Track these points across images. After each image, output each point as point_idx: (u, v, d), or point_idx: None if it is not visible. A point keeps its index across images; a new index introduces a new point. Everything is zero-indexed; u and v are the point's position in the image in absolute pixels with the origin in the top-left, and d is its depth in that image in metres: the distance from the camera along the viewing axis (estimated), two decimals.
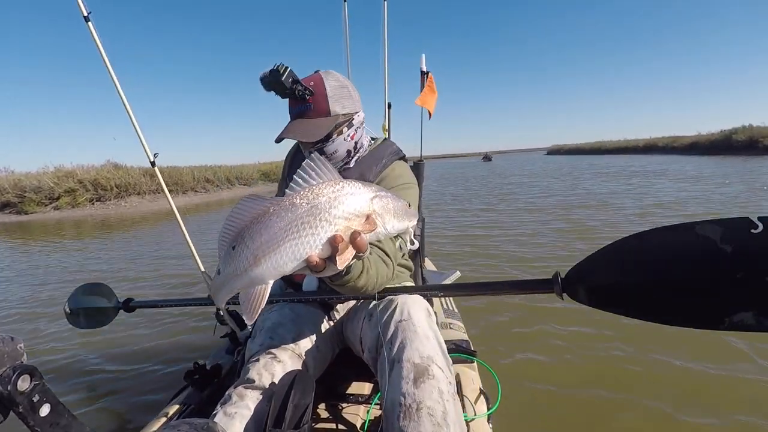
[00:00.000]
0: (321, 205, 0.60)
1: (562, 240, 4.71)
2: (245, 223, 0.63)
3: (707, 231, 0.65)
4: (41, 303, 3.63)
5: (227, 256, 0.64)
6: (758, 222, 0.61)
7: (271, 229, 0.61)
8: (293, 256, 0.61)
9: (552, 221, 5.92)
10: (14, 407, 0.56)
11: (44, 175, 13.10)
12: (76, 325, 1.53)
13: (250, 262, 0.62)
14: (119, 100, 1.21)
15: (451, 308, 1.76)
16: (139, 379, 2.16)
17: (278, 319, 1.04)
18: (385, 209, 0.65)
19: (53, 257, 5.74)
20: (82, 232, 8.35)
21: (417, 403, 0.76)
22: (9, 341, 0.59)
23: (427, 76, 2.21)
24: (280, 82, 0.95)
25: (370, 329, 0.97)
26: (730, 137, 23.39)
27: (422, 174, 1.87)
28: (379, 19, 2.08)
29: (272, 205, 0.62)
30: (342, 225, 0.61)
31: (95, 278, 4.18)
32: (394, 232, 0.68)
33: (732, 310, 0.62)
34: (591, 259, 0.84)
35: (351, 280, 0.81)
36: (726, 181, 8.90)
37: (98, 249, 6.15)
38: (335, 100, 1.02)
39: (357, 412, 1.07)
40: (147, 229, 8.35)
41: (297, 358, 0.97)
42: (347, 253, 0.61)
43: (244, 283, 0.64)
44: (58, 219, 11.15)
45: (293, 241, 0.60)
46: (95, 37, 1.16)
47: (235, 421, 0.79)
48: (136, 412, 1.85)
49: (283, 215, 0.61)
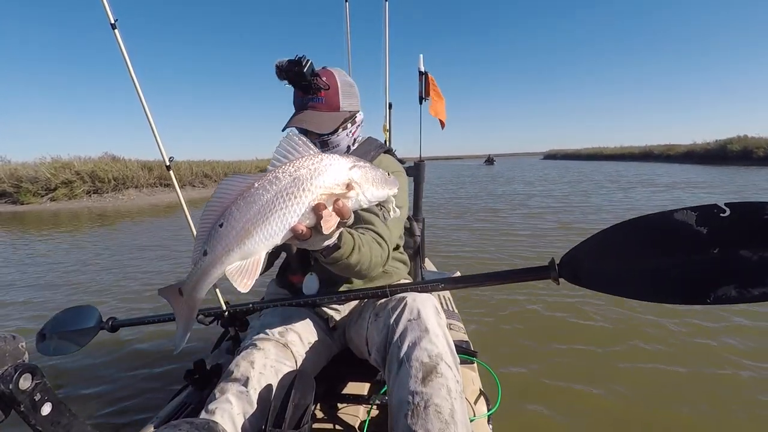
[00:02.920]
0: (303, 176, 0.64)
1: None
2: (230, 201, 0.65)
3: (684, 216, 0.75)
4: (44, 300, 3.63)
5: (215, 236, 0.65)
6: (725, 207, 0.71)
7: (259, 202, 0.63)
8: (282, 226, 0.64)
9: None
10: (16, 406, 0.56)
11: (41, 165, 12.84)
12: (44, 352, 1.42)
13: (241, 236, 0.64)
14: (138, 103, 1.24)
15: (451, 309, 1.76)
16: (139, 378, 2.16)
17: (268, 319, 1.05)
18: (364, 178, 0.69)
19: (59, 249, 5.74)
20: (80, 225, 8.29)
21: (425, 401, 0.76)
22: (10, 340, 0.59)
23: (425, 76, 2.20)
24: (302, 73, 1.00)
25: (378, 329, 0.96)
26: (725, 147, 23.82)
27: (422, 174, 1.87)
28: (380, 19, 2.08)
29: (256, 180, 0.65)
30: (324, 194, 0.64)
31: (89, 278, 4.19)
32: (375, 200, 0.71)
33: (715, 285, 0.71)
34: (583, 244, 0.89)
35: (343, 256, 0.84)
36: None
37: (99, 243, 6.15)
38: (345, 96, 1.09)
39: (357, 412, 1.07)
40: (146, 223, 8.31)
41: (282, 348, 0.96)
42: (331, 220, 0.64)
43: (237, 258, 0.65)
44: (55, 211, 11.02)
45: (280, 212, 0.63)
46: (121, 44, 1.19)
47: (216, 416, 0.78)
48: (136, 412, 1.85)
49: (268, 188, 0.64)
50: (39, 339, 1.45)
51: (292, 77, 1.02)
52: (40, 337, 1.45)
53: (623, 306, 2.69)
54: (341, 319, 1.18)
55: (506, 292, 3.02)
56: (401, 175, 1.19)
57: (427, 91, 2.25)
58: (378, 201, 0.73)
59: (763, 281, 0.67)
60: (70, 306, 1.55)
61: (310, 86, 1.03)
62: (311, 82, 1.02)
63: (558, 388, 1.85)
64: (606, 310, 2.67)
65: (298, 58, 0.99)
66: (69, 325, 1.47)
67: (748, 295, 0.68)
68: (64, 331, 1.46)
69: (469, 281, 1.07)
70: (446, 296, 1.91)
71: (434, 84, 2.28)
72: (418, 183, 1.88)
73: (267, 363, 0.90)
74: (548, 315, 2.66)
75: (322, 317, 1.16)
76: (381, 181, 0.71)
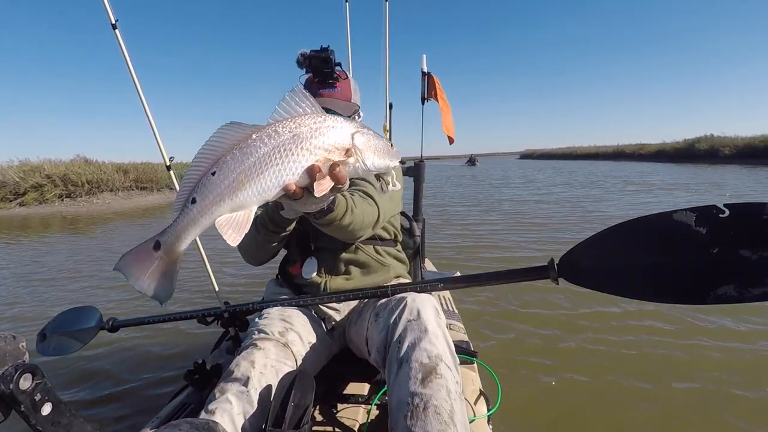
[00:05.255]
0: (303, 134, 0.62)
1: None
2: (225, 150, 0.62)
3: (683, 217, 0.75)
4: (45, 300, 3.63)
5: (207, 183, 0.62)
6: (725, 208, 0.72)
7: (255, 154, 0.61)
8: (276, 182, 0.62)
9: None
10: (16, 406, 0.56)
11: (9, 169, 12.04)
12: (43, 352, 1.40)
13: (233, 188, 0.61)
14: (139, 104, 1.26)
15: (450, 309, 1.76)
16: (139, 378, 2.16)
17: (268, 320, 1.05)
18: (366, 145, 0.66)
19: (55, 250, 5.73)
20: (50, 230, 7.98)
21: (424, 402, 0.76)
22: (11, 340, 0.59)
23: (428, 77, 2.19)
24: (328, 59, 1.09)
25: (378, 329, 0.96)
26: (693, 146, 24.93)
27: (423, 174, 1.87)
28: (381, 19, 2.08)
29: (254, 131, 0.62)
30: (322, 155, 0.63)
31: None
32: (374, 170, 0.69)
33: (714, 284, 0.71)
34: (582, 245, 0.89)
35: (336, 218, 0.86)
36: (727, 194, 8.90)
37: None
38: (354, 91, 1.19)
39: (357, 412, 1.07)
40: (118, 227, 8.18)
41: (282, 348, 0.96)
42: (324, 183, 0.63)
43: (227, 209, 0.62)
44: (25, 216, 10.53)
45: (276, 167, 0.61)
46: (121, 45, 1.19)
47: (216, 416, 0.78)
48: (136, 412, 1.85)
49: (266, 141, 0.61)
50: (39, 339, 1.44)
51: (317, 64, 1.09)
52: (41, 337, 1.44)
53: (623, 306, 2.69)
54: (341, 319, 1.18)
55: (506, 293, 3.02)
56: (397, 170, 1.23)
57: (431, 93, 2.24)
58: (378, 171, 0.71)
59: (763, 281, 0.67)
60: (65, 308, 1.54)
61: (331, 74, 1.11)
62: (333, 70, 1.10)
63: (558, 388, 1.85)
64: (606, 310, 2.67)
65: (324, 47, 1.09)
66: (70, 326, 1.46)
67: (748, 294, 0.68)
68: (65, 331, 1.45)
69: (469, 281, 1.07)
70: (446, 296, 1.91)
71: (440, 89, 2.23)
72: (418, 183, 1.88)
73: (267, 363, 0.90)
74: (548, 315, 2.66)
75: (322, 317, 1.16)
76: (383, 150, 0.69)
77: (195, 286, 3.71)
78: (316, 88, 1.14)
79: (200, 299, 3.34)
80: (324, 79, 1.13)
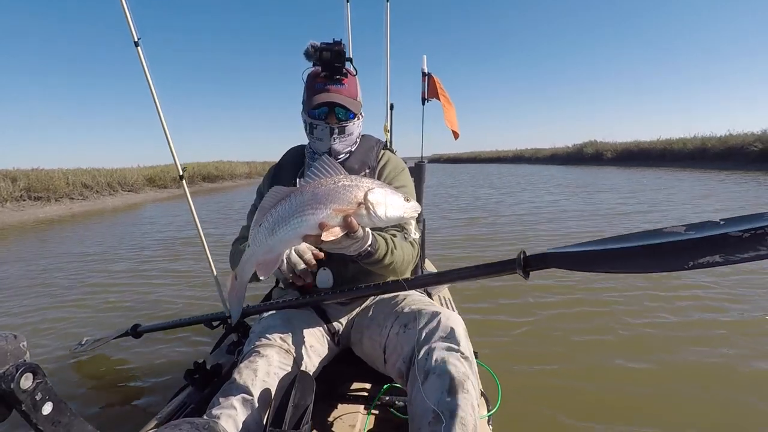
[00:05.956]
0: (320, 194, 0.77)
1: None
2: (270, 207, 0.82)
3: (675, 229, 0.70)
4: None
5: (255, 234, 0.83)
6: (721, 221, 0.66)
7: (284, 209, 0.80)
8: (294, 233, 0.79)
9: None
10: (17, 405, 0.56)
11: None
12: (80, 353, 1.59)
13: (267, 235, 0.81)
14: (157, 116, 1.32)
15: (451, 309, 1.76)
16: (139, 378, 2.16)
17: (269, 323, 1.04)
18: (379, 200, 0.78)
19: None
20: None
21: (450, 411, 0.77)
22: (12, 339, 0.59)
23: (429, 77, 2.19)
24: (342, 53, 1.07)
25: (407, 339, 0.95)
26: (581, 150, 27.68)
27: (423, 174, 1.87)
28: (381, 19, 2.09)
29: (291, 192, 0.81)
30: (334, 209, 0.76)
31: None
32: (388, 221, 0.80)
33: (697, 257, 0.63)
34: (554, 249, 0.83)
35: (378, 259, 0.96)
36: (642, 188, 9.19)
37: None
38: (359, 89, 1.18)
39: (357, 412, 1.07)
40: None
41: (285, 353, 0.96)
42: (335, 231, 0.76)
43: (263, 252, 0.83)
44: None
45: (294, 221, 0.78)
46: (143, 62, 1.24)
47: (221, 421, 0.79)
48: (136, 412, 1.85)
49: (293, 200, 0.79)
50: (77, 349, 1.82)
51: (329, 56, 1.07)
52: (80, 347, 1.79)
53: (623, 306, 2.69)
54: (344, 321, 1.18)
55: (506, 293, 3.02)
56: (406, 171, 1.28)
57: (431, 93, 2.24)
58: (392, 222, 0.81)
59: (754, 247, 0.58)
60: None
61: (341, 69, 1.09)
62: (344, 65, 1.09)
63: (559, 389, 1.85)
64: (606, 310, 2.67)
65: (337, 41, 1.07)
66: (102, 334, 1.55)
67: (733, 259, 0.60)
68: (98, 340, 1.67)
69: (447, 277, 1.02)
70: (446, 297, 1.92)
71: (441, 87, 2.24)
72: (419, 183, 1.88)
73: (270, 370, 0.91)
74: (548, 315, 2.65)
75: (324, 319, 1.16)
76: (396, 206, 0.80)
77: (200, 292, 3.72)
78: (323, 82, 1.09)
79: (209, 304, 3.33)
80: (333, 73, 1.08)
